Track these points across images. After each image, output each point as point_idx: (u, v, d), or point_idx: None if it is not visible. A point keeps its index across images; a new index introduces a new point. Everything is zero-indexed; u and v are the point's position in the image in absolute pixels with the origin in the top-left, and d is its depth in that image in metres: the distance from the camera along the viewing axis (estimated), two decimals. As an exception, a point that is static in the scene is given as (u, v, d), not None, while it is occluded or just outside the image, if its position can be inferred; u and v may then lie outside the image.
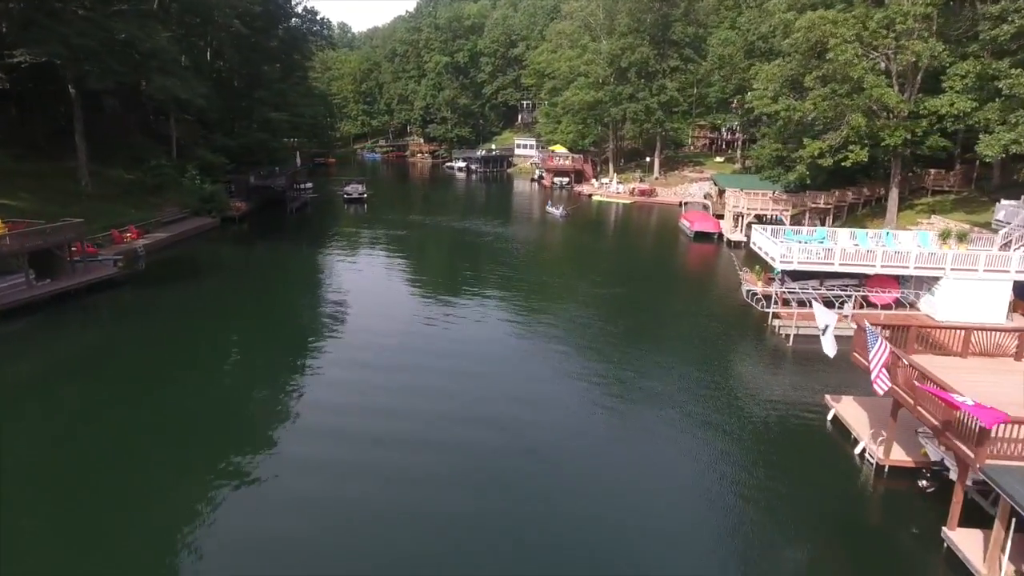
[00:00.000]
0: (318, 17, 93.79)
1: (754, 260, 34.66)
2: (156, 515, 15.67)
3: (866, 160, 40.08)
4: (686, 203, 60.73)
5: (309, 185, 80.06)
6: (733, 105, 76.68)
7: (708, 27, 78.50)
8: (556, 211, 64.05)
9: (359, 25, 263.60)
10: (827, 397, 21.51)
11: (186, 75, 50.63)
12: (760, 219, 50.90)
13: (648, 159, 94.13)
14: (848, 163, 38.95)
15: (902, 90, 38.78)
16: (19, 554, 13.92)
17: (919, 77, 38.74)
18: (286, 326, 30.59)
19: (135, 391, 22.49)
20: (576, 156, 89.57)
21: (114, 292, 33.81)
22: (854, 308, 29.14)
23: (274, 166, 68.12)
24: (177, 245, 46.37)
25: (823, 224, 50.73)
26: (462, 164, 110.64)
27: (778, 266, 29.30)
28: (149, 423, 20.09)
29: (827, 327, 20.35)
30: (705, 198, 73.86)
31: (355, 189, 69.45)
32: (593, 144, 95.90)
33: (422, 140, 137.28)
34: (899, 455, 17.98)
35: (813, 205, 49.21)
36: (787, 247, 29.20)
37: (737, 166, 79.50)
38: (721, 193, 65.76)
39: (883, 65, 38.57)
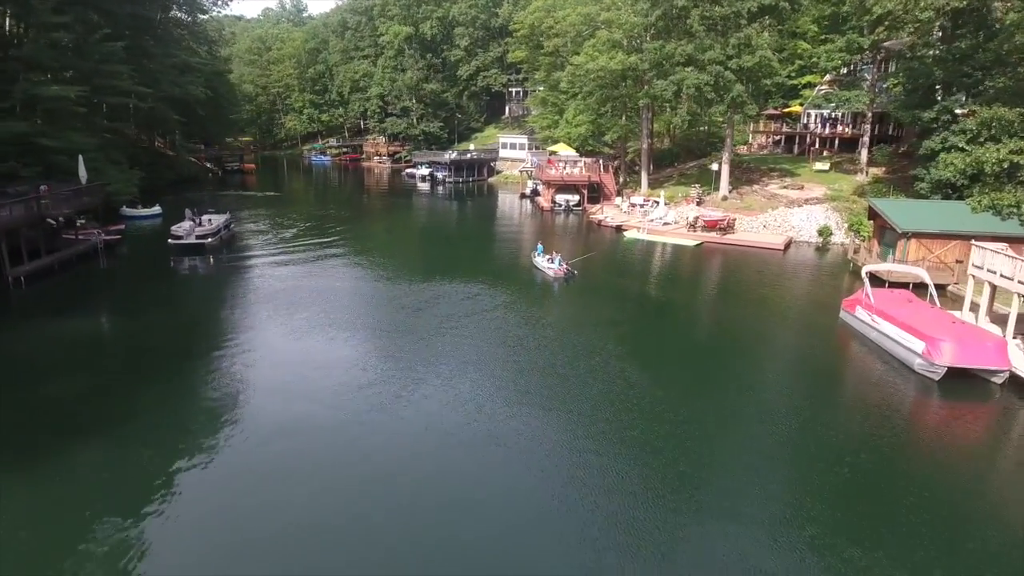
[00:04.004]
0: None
1: None
2: None
3: None
4: (869, 273, 26.11)
5: (157, 211, 48.36)
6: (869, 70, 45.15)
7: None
8: (549, 266, 33.11)
9: (320, 6, 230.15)
10: None
11: None
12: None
13: (680, 165, 62.88)
14: None
15: None
16: None
17: None
18: None
19: None
20: (590, 160, 58.00)
21: None
22: None
23: (43, 180, 36.14)
24: None
25: None
26: (425, 171, 78.95)
27: None
28: None
29: None
30: (820, 235, 42.60)
31: (189, 229, 37.28)
32: (613, 143, 64.47)
33: (384, 139, 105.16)
34: None
35: None
36: None
37: (861, 178, 48.11)
38: (881, 235, 34.29)
39: None
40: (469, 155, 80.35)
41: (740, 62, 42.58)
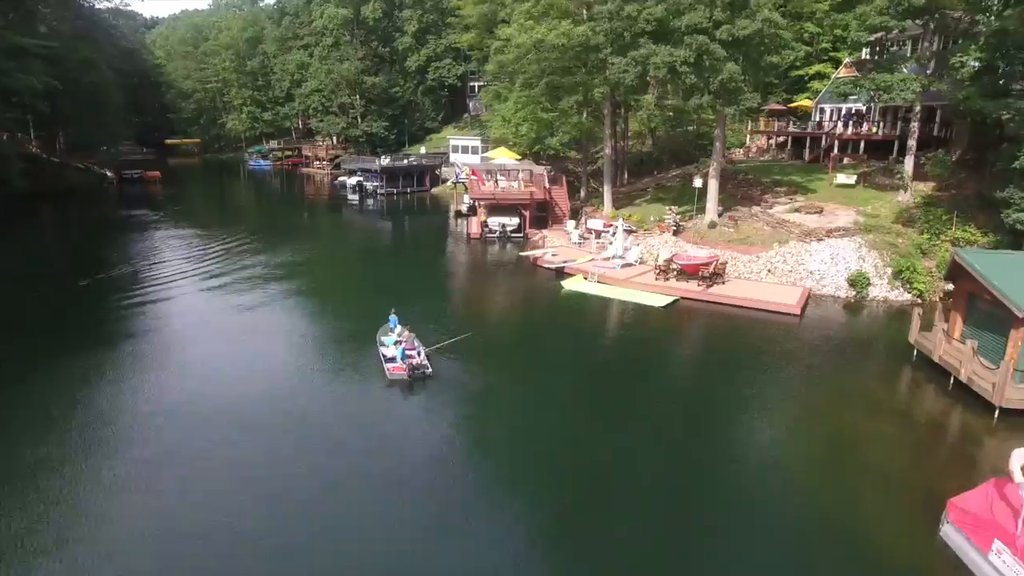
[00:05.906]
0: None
1: None
2: None
3: None
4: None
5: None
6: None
7: None
8: (391, 355, 19.23)
9: None
10: None
11: None
12: None
13: (660, 173, 49.26)
14: None
15: None
16: None
17: None
18: None
19: None
20: (537, 171, 44.00)
21: None
22: None
23: None
24: None
25: None
26: (354, 181, 64.97)
27: None
28: None
29: None
30: (852, 286, 28.90)
31: None
32: (574, 146, 50.79)
33: (331, 141, 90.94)
34: None
35: None
36: None
37: (904, 197, 34.18)
38: (969, 308, 20.31)
39: None
40: (406, 161, 66.29)
41: (733, 29, 28.61)
